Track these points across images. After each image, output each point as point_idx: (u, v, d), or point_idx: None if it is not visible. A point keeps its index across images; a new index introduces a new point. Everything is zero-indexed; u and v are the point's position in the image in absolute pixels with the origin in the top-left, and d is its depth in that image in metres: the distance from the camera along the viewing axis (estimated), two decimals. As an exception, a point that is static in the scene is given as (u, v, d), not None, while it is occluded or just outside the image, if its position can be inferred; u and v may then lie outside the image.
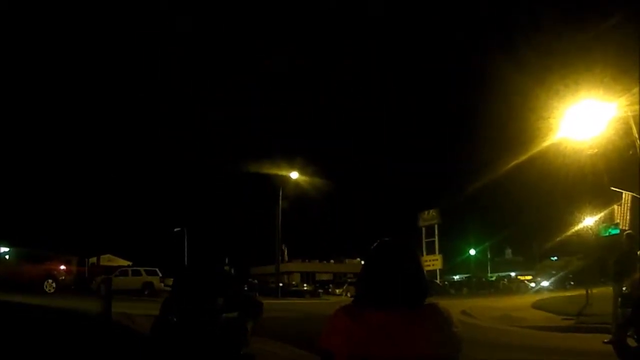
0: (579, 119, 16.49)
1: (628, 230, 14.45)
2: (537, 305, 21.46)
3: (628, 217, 20.81)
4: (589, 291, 20.55)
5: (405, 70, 77.02)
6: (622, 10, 13.74)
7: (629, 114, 14.70)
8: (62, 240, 45.75)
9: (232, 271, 31.01)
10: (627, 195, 20.75)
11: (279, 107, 73.92)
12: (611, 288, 11.36)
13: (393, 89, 77.07)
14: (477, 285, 54.00)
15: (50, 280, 24.67)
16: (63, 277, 25.62)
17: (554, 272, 47.63)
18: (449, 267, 61.08)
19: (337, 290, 49.25)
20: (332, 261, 68.68)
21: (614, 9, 14.59)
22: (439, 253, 52.14)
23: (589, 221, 31.26)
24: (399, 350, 2.15)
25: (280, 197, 48.74)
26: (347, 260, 65.74)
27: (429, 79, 70.95)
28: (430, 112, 72.05)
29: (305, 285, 50.80)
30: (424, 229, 53.39)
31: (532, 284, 49.44)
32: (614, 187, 20.74)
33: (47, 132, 47.77)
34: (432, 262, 49.80)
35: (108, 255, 52.93)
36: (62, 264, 26.93)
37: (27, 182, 48.39)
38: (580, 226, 32.64)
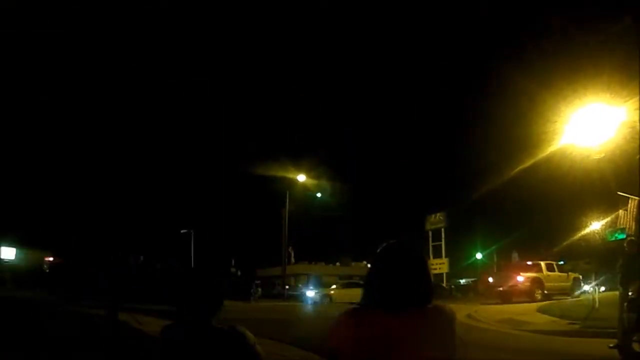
0: (587, 123, 16.47)
1: (631, 236, 14.42)
2: (542, 309, 21.38)
3: (633, 223, 20.76)
4: (595, 296, 20.47)
5: (411, 71, 76.92)
6: (630, 15, 13.70)
7: (637, 118, 14.67)
8: (69, 240, 45.95)
9: (239, 273, 31.08)
10: (633, 201, 20.69)
11: (285, 109, 73.87)
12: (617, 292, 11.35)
13: (398, 91, 76.98)
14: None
15: None
16: None
17: None
18: (456, 271, 60.80)
19: (343, 293, 49.17)
20: (338, 264, 68.53)
21: (622, 13, 14.55)
22: (446, 256, 51.92)
23: (595, 226, 31.24)
24: (403, 354, 2.16)
25: (287, 199, 48.83)
26: (353, 263, 65.56)
27: (435, 82, 70.80)
28: (437, 114, 71.90)
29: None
30: (430, 232, 53.17)
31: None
32: (620, 192, 20.69)
33: (55, 131, 47.89)
34: (439, 266, 49.55)
35: (114, 256, 52.97)
36: None
37: (34, 183, 48.57)
38: (587, 231, 32.60)
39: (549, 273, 29.83)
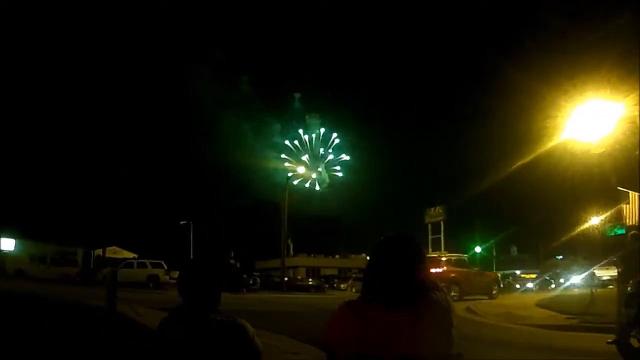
0: (586, 119, 16.45)
1: (634, 230, 14.39)
2: (541, 304, 21.41)
3: (637, 217, 20.76)
4: (593, 290, 20.47)
5: (411, 68, 76.85)
6: (630, 10, 13.69)
7: (636, 113, 14.64)
8: (68, 231, 46.01)
9: (238, 265, 31.11)
10: (634, 195, 20.70)
11: (284, 99, 73.85)
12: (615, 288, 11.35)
13: (398, 86, 76.92)
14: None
15: None
16: None
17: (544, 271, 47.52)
18: (454, 264, 60.94)
19: (342, 285, 49.24)
20: (337, 256, 68.64)
21: (622, 8, 14.53)
22: (445, 250, 51.98)
23: (595, 221, 31.28)
24: (401, 348, 2.17)
25: (287, 191, 48.83)
26: (352, 256, 65.65)
27: (436, 77, 70.80)
28: (437, 109, 71.93)
29: (310, 280, 50.86)
30: (429, 225, 53.20)
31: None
32: (620, 186, 20.68)
33: (54, 124, 47.86)
34: (438, 259, 49.65)
35: (114, 247, 53.04)
36: None
37: (34, 174, 48.55)
38: (586, 225, 32.66)
39: None
